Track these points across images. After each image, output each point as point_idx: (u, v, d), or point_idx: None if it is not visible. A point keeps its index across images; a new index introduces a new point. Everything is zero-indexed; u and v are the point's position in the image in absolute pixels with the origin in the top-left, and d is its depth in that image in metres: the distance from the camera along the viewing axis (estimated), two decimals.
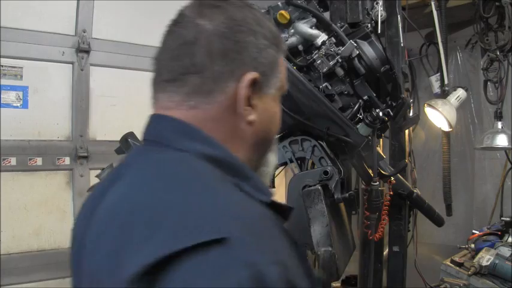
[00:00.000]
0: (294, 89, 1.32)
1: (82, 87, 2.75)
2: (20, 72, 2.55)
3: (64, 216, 2.68)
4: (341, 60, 1.34)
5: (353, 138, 1.32)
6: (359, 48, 1.35)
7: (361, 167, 1.46)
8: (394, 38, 2.25)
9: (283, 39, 1.34)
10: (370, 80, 1.37)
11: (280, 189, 3.24)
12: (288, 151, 1.46)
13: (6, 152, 2.48)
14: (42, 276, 2.57)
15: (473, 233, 2.27)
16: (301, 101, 1.33)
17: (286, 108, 1.35)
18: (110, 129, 2.87)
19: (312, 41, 1.38)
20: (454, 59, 3.38)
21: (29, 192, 2.58)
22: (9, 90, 2.51)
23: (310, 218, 1.35)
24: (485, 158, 3.25)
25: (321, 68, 1.32)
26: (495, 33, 2.70)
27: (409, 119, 1.70)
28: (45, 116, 2.64)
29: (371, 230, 1.44)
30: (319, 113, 1.33)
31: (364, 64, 1.34)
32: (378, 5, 2.13)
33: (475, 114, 3.36)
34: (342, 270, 1.52)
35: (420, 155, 3.30)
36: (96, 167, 2.75)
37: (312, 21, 1.42)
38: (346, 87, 1.37)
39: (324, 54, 1.34)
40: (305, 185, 1.38)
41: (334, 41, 1.37)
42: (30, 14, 2.56)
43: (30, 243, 2.56)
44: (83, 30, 2.73)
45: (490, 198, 3.14)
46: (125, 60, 2.93)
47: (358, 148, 1.31)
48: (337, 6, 2.26)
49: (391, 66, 1.37)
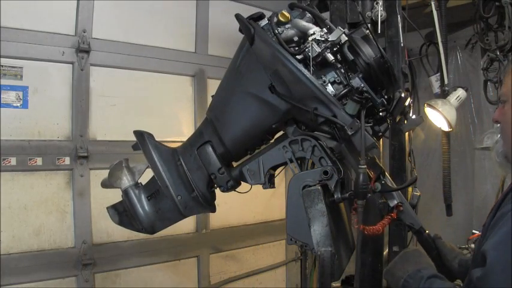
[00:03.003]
0: (282, 68, 1.34)
1: (82, 87, 2.75)
2: (20, 72, 2.55)
3: (64, 216, 2.68)
4: (330, 46, 1.35)
5: (340, 119, 1.32)
6: (353, 42, 1.37)
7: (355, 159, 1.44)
8: (394, 38, 2.25)
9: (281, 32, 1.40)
10: (367, 77, 1.37)
11: (280, 189, 3.25)
12: (288, 151, 1.47)
13: (6, 152, 2.48)
14: (42, 276, 2.57)
15: (473, 233, 2.27)
16: (288, 79, 1.35)
17: (278, 93, 1.39)
18: (110, 129, 2.87)
19: (306, 31, 1.41)
20: (454, 59, 3.39)
21: (29, 192, 2.58)
22: (9, 90, 2.51)
23: (310, 218, 1.35)
24: (485, 158, 3.25)
25: (312, 53, 1.34)
26: (495, 33, 2.70)
27: (412, 121, 1.69)
28: (45, 116, 2.64)
29: (358, 219, 1.40)
30: (306, 92, 1.34)
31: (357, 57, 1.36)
32: (377, 5, 2.14)
33: (475, 114, 3.36)
34: (341, 270, 1.53)
35: (420, 155, 3.31)
36: (96, 167, 2.75)
37: (309, 17, 1.47)
38: (339, 77, 1.39)
39: (315, 40, 1.37)
40: (305, 185, 1.38)
41: (325, 31, 1.40)
42: (30, 14, 2.56)
43: (30, 243, 2.56)
44: (83, 30, 2.73)
45: (490, 198, 3.14)
46: (125, 60, 2.93)
47: (347, 130, 1.29)
48: (337, 6, 2.28)
49: (384, 57, 1.37)
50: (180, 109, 3.22)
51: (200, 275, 3.27)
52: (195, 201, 1.59)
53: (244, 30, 1.43)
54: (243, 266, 3.53)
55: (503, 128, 1.33)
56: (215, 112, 1.60)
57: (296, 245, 1.46)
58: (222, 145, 1.56)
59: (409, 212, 1.60)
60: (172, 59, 3.14)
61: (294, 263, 3.82)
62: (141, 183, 1.68)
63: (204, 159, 1.57)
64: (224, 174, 1.56)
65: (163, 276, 3.08)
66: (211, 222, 3.33)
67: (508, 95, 1.29)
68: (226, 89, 1.58)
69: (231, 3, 3.40)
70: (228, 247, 3.45)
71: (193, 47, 3.29)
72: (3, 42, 2.46)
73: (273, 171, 1.55)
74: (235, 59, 1.54)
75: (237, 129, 1.53)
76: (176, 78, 3.21)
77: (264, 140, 1.57)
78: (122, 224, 1.70)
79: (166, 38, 3.13)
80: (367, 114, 1.36)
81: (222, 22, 3.31)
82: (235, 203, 3.31)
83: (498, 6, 2.61)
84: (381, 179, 1.50)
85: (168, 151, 1.63)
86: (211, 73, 3.31)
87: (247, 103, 1.49)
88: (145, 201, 1.63)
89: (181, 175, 1.58)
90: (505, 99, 1.31)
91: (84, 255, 2.70)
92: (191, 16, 3.26)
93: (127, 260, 2.90)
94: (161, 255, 3.06)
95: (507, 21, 2.58)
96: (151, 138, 1.65)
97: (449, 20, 2.64)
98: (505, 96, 1.31)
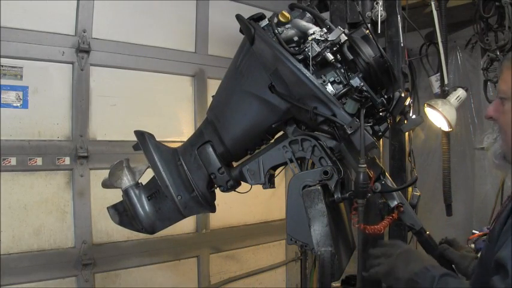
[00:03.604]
0: (283, 68, 1.34)
1: (82, 87, 2.75)
2: (20, 72, 2.55)
3: (64, 216, 2.68)
4: (330, 46, 1.36)
5: (340, 118, 1.32)
6: (352, 42, 1.37)
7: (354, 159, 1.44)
8: (394, 38, 2.25)
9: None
10: (367, 76, 1.37)
11: (280, 189, 3.25)
12: (288, 151, 1.47)
13: (6, 152, 2.48)
14: (42, 276, 2.57)
15: (473, 233, 2.27)
16: (288, 78, 1.35)
17: (278, 93, 1.39)
18: (110, 129, 2.87)
19: (306, 31, 1.41)
20: (454, 59, 3.39)
21: (29, 192, 2.57)
22: (9, 90, 2.51)
23: (310, 218, 1.35)
24: (485, 158, 3.25)
25: (311, 52, 1.34)
26: (495, 33, 2.70)
27: (412, 120, 1.68)
28: (45, 116, 2.64)
29: (359, 219, 1.40)
30: (306, 92, 1.34)
31: (357, 57, 1.36)
32: (378, 5, 2.14)
33: (475, 114, 3.36)
34: (341, 270, 1.53)
35: (420, 155, 3.31)
36: (96, 167, 2.75)
37: (309, 17, 1.48)
38: (338, 77, 1.39)
39: (315, 40, 1.37)
40: (305, 185, 1.38)
41: (325, 31, 1.41)
42: (30, 14, 2.56)
43: (30, 243, 2.56)
44: (83, 30, 2.73)
45: (490, 198, 3.14)
46: (125, 60, 2.93)
47: (346, 129, 1.29)
48: (337, 6, 2.28)
49: (384, 57, 1.37)
50: (180, 109, 3.22)
51: (200, 275, 3.27)
52: (195, 201, 1.59)
53: (245, 30, 1.44)
54: (243, 266, 3.53)
55: (502, 128, 1.27)
56: (215, 112, 1.60)
57: (296, 245, 1.46)
58: (222, 145, 1.56)
59: (410, 212, 1.60)
60: (172, 59, 3.14)
61: (294, 263, 3.82)
62: (141, 183, 1.68)
63: (204, 159, 1.57)
64: (224, 174, 1.56)
65: (163, 276, 3.08)
66: (211, 222, 3.33)
67: (509, 93, 1.22)
68: (227, 88, 1.59)
69: (231, 3, 3.40)
70: (228, 247, 3.45)
71: (193, 47, 3.29)
72: (3, 42, 2.45)
73: (273, 171, 1.55)
74: (235, 59, 1.54)
75: (237, 129, 1.54)
76: (176, 78, 3.21)
77: (264, 139, 1.57)
78: (122, 224, 1.70)
79: (166, 38, 3.13)
80: (367, 114, 1.36)
81: (222, 22, 3.31)
82: (235, 203, 3.31)
83: (498, 6, 2.61)
84: (381, 179, 1.50)
85: (168, 151, 1.63)
86: (211, 73, 3.31)
87: (247, 103, 1.49)
88: (146, 201, 1.63)
89: (181, 175, 1.58)
90: (505, 97, 1.24)
91: (84, 255, 2.70)
92: (191, 16, 3.26)
93: (127, 260, 2.90)
94: (161, 255, 3.06)
95: (507, 21, 2.58)
96: (152, 138, 1.66)
97: (449, 20, 2.64)
98: (505, 93, 1.24)
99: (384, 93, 1.44)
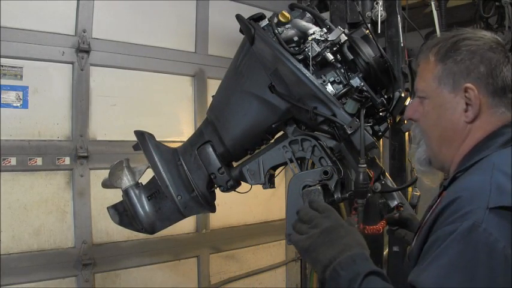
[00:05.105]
0: (283, 68, 1.35)
1: (82, 87, 2.75)
2: (20, 72, 2.55)
3: (64, 216, 2.68)
4: (330, 46, 1.36)
5: (340, 117, 1.32)
6: (352, 42, 1.37)
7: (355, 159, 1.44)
8: (394, 38, 2.26)
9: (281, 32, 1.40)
10: (367, 76, 1.37)
11: (280, 189, 3.25)
12: (288, 151, 1.47)
13: (6, 152, 2.48)
14: (42, 276, 2.57)
15: None
16: (288, 78, 1.35)
17: (278, 93, 1.39)
18: (110, 129, 2.87)
19: (306, 31, 1.42)
20: None
21: (29, 192, 2.58)
22: (9, 90, 2.51)
23: None
24: None
25: (311, 52, 1.35)
26: (495, 33, 2.70)
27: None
28: (45, 116, 2.64)
29: (358, 219, 1.39)
30: (306, 91, 1.34)
31: (357, 57, 1.36)
32: (377, 5, 2.14)
33: None
34: None
35: None
36: (96, 167, 2.75)
37: (309, 17, 1.48)
38: (338, 77, 1.39)
39: (315, 40, 1.37)
40: (305, 185, 1.38)
41: (325, 31, 1.41)
42: (30, 14, 2.56)
43: (30, 243, 2.56)
44: (83, 30, 2.73)
45: None
46: (125, 60, 2.93)
47: (346, 129, 1.29)
48: (337, 6, 2.28)
49: (384, 57, 1.37)
50: (180, 109, 3.23)
51: (200, 275, 3.27)
52: (195, 201, 1.59)
53: (245, 30, 1.44)
54: (243, 266, 3.53)
55: (425, 131, 1.16)
56: (215, 112, 1.60)
57: None
58: (222, 145, 1.56)
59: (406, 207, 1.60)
60: (172, 59, 3.14)
61: (294, 263, 3.82)
62: (141, 183, 1.68)
63: (204, 159, 1.57)
64: (224, 174, 1.56)
65: (163, 276, 3.09)
66: (211, 222, 3.33)
67: (428, 91, 1.13)
68: (227, 88, 1.59)
69: (231, 3, 3.40)
70: (228, 247, 3.45)
71: (193, 47, 3.30)
72: (3, 42, 2.46)
73: (273, 171, 1.55)
74: (235, 59, 1.54)
75: (237, 128, 1.54)
76: (176, 78, 3.21)
77: (264, 140, 1.57)
78: (122, 224, 1.70)
79: (166, 38, 3.13)
80: (367, 114, 1.36)
81: (222, 22, 3.31)
82: (235, 203, 3.31)
83: (498, 6, 2.61)
84: (381, 179, 1.50)
85: (168, 151, 1.63)
86: (211, 73, 3.31)
87: (247, 103, 1.49)
88: (146, 201, 1.63)
89: (181, 175, 1.58)
90: (424, 96, 1.14)
91: (84, 255, 2.70)
92: (191, 16, 3.26)
93: (127, 260, 2.90)
94: (161, 255, 3.06)
95: (507, 21, 2.59)
96: (152, 138, 1.66)
97: (449, 20, 2.64)
98: (424, 92, 1.14)
99: (383, 93, 1.44)
